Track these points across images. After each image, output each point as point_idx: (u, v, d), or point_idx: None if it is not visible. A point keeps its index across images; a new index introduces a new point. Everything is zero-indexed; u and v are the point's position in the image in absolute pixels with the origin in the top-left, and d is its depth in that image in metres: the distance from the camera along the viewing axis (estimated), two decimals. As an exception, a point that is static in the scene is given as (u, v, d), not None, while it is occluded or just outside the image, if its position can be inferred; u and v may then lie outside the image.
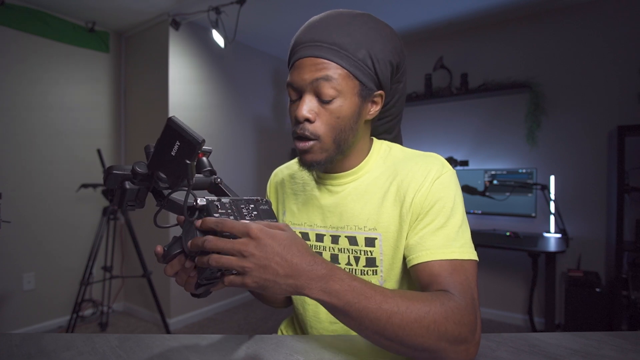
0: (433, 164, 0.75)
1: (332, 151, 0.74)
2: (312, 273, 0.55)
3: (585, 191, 2.89)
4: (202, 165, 0.63)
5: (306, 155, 0.74)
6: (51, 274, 2.96)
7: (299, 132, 0.72)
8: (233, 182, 3.54)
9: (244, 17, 3.00)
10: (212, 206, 0.56)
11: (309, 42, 0.71)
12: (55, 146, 3.00)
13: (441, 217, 0.71)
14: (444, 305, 0.58)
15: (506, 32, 3.20)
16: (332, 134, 0.72)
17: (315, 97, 0.71)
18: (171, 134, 0.52)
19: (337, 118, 0.71)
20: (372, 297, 0.56)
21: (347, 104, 0.71)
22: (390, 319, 0.55)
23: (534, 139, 3.04)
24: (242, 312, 3.42)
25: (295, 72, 0.72)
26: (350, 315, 0.56)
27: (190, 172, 0.51)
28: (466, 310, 0.60)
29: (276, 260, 0.53)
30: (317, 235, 0.83)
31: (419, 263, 0.69)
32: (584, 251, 2.87)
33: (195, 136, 0.50)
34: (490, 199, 2.99)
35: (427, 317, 0.56)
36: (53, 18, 2.97)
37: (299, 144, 0.73)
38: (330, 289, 0.55)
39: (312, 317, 0.84)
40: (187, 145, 0.51)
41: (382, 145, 0.85)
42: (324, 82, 0.69)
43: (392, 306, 0.56)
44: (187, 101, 3.19)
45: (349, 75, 0.70)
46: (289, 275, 0.54)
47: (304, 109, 0.70)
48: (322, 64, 0.69)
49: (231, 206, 0.58)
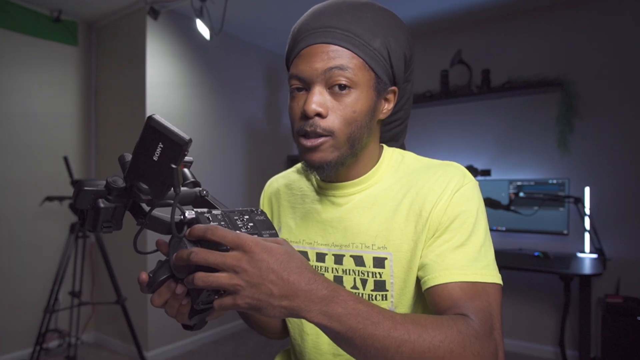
0: (453, 174, 0.75)
1: (344, 150, 0.74)
2: (312, 293, 0.54)
3: (625, 205, 2.87)
4: (185, 178, 0.63)
5: (314, 154, 0.73)
6: (10, 300, 2.94)
7: (309, 128, 0.71)
8: (220, 194, 3.51)
9: (233, 5, 2.98)
10: (203, 219, 0.56)
11: (320, 28, 0.71)
12: (15, 153, 2.98)
13: (461, 234, 0.71)
14: (461, 333, 0.58)
15: (534, 22, 3.19)
16: (347, 130, 0.72)
17: (326, 89, 0.71)
18: (152, 136, 0.51)
19: (353, 112, 0.72)
20: (379, 322, 0.55)
21: (363, 97, 0.72)
22: (399, 348, 0.55)
23: (566, 145, 3.03)
24: (231, 343, 3.41)
25: (302, 61, 0.72)
26: (354, 343, 0.55)
27: (176, 179, 0.51)
28: (487, 340, 0.60)
29: (270, 279, 0.52)
30: (318, 255, 0.84)
31: (435, 285, 0.68)
32: (624, 274, 2.85)
33: (180, 135, 0.50)
34: (516, 214, 2.96)
35: (441, 347, 0.56)
36: (13, 5, 2.95)
37: (306, 141, 0.73)
38: (332, 312, 0.54)
39: (312, 349, 0.84)
40: (172, 147, 0.50)
41: (393, 152, 0.86)
42: (338, 71, 0.69)
43: (402, 334, 0.55)
44: (168, 101, 3.18)
45: (365, 65, 0.71)
46: (285, 295, 0.53)
47: (314, 102, 0.70)
48: (336, 51, 0.70)
49: (224, 218, 0.58)
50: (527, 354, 3.13)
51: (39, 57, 3.09)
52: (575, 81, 3.00)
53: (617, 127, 2.90)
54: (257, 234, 0.59)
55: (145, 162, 0.52)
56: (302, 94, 0.74)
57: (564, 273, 2.49)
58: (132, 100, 3.14)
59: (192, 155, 0.60)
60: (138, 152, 0.53)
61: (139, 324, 3.02)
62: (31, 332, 2.95)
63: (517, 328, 3.19)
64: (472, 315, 0.62)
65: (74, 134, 3.33)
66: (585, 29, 3.01)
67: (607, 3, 2.93)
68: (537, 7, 3.17)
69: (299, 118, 0.73)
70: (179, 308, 0.60)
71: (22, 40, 3.00)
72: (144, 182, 0.53)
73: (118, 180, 0.54)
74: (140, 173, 0.53)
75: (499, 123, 3.32)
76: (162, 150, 0.51)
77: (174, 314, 0.61)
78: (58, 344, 3.09)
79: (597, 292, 2.92)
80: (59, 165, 3.04)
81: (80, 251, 3.00)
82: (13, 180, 2.96)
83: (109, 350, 3.26)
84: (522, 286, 3.18)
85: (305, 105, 0.71)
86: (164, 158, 0.51)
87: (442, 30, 3.58)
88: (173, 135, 0.50)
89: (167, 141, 0.50)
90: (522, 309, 3.19)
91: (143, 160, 0.52)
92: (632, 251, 2.83)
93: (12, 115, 2.96)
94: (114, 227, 0.57)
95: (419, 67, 3.65)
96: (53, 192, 3.05)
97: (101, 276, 3.32)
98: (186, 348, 3.26)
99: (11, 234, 2.95)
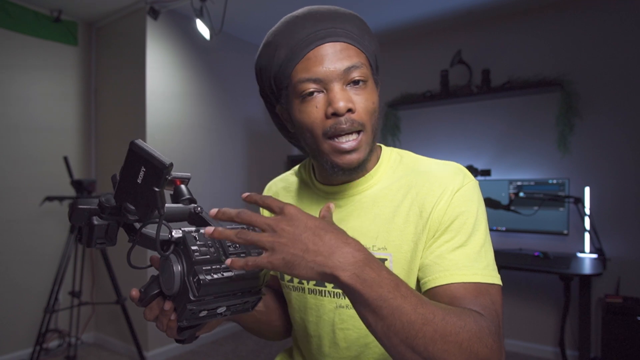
0: (453, 174, 0.76)
1: (370, 145, 0.75)
2: (348, 253, 0.54)
3: (626, 205, 2.86)
4: (180, 194, 0.65)
5: (353, 155, 0.73)
6: (10, 300, 2.94)
7: (345, 125, 0.71)
8: (220, 195, 3.53)
9: (233, 5, 2.98)
10: (190, 238, 0.57)
11: (321, 29, 0.72)
12: (16, 153, 2.98)
13: (462, 234, 0.71)
14: (478, 324, 0.58)
15: (534, 22, 3.19)
16: (371, 121, 0.74)
17: (344, 85, 0.72)
18: (135, 160, 0.53)
19: (373, 103, 0.74)
20: (408, 297, 0.55)
21: (373, 90, 0.76)
22: (424, 325, 0.54)
23: (566, 145, 3.02)
24: (230, 343, 3.40)
25: (312, 63, 0.72)
26: (381, 312, 0.54)
27: (159, 201, 0.52)
28: (497, 336, 0.60)
29: (306, 235, 0.54)
30: None
31: (437, 286, 0.68)
32: (624, 274, 2.84)
33: (161, 159, 0.51)
34: (516, 214, 2.96)
35: (461, 333, 0.56)
36: (13, 5, 2.95)
37: (346, 142, 0.72)
38: (366, 277, 0.53)
39: (315, 351, 0.83)
40: (154, 171, 0.52)
41: (391, 152, 0.86)
42: (355, 67, 0.72)
43: (427, 312, 0.55)
44: (167, 102, 3.18)
45: (367, 60, 0.75)
46: (319, 252, 0.54)
47: (342, 99, 0.70)
48: (346, 49, 0.72)
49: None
50: (527, 354, 3.13)
51: (38, 57, 3.09)
52: (576, 81, 3.00)
53: (617, 127, 2.89)
54: (245, 252, 0.60)
55: (130, 185, 0.54)
56: (318, 96, 0.72)
57: (564, 273, 2.49)
58: (132, 100, 3.13)
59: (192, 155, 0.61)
60: (124, 174, 0.55)
61: (139, 324, 3.00)
62: (31, 332, 2.95)
63: (517, 328, 3.18)
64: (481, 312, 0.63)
65: (73, 134, 3.33)
66: (585, 29, 3.00)
67: (607, 3, 2.92)
68: (537, 7, 3.16)
69: (322, 119, 0.72)
70: (167, 323, 0.62)
71: (22, 40, 3.00)
72: (130, 203, 0.55)
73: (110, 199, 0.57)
74: (127, 194, 0.55)
75: (499, 123, 3.32)
76: (145, 173, 0.52)
77: (163, 328, 0.63)
78: (58, 344, 3.09)
79: (597, 292, 2.91)
80: (59, 165, 3.03)
81: (80, 251, 3.00)
82: (13, 180, 2.96)
83: (109, 350, 3.25)
84: (522, 286, 3.18)
85: (334, 103, 0.70)
86: (147, 181, 0.52)
87: (442, 30, 3.57)
88: (154, 159, 0.51)
89: (149, 165, 0.52)
90: (522, 309, 3.18)
91: (129, 182, 0.54)
92: (632, 251, 2.83)
93: (11, 116, 2.95)
94: (108, 243, 0.60)
95: (419, 67, 3.66)
96: (53, 192, 3.05)
97: (101, 276, 3.31)
98: (186, 348, 3.25)
99: (11, 234, 2.94)
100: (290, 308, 0.89)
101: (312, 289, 0.83)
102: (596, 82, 2.96)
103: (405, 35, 3.70)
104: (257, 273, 0.59)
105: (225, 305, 0.59)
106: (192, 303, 0.55)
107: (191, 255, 0.55)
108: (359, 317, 0.58)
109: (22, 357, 2.93)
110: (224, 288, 0.57)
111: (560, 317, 2.99)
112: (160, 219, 0.54)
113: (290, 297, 0.88)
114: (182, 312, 0.57)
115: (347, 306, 0.78)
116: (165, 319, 0.61)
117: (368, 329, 0.57)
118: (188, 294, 0.55)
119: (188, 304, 0.55)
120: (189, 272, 0.56)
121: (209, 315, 0.58)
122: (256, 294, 0.62)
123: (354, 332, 0.78)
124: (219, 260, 0.57)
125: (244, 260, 0.53)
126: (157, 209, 0.53)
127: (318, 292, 0.82)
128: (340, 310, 0.79)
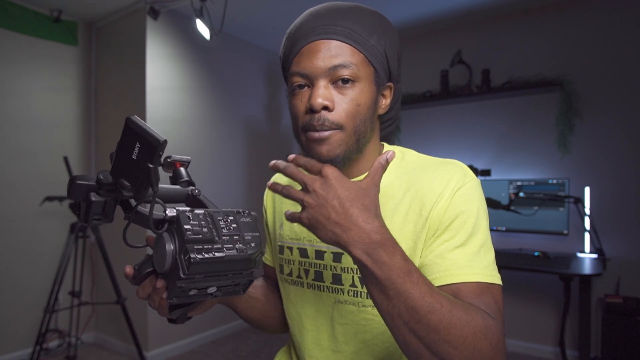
0: (454, 172, 0.75)
1: (351, 145, 0.74)
2: (364, 232, 0.56)
3: (626, 205, 2.86)
4: (179, 176, 0.65)
5: (322, 147, 0.73)
6: (10, 300, 2.93)
7: (316, 122, 0.71)
8: (220, 193, 3.53)
9: (233, 5, 2.98)
10: (184, 217, 0.57)
11: (320, 26, 0.73)
12: (16, 153, 2.98)
13: (462, 234, 0.70)
14: (484, 320, 0.58)
15: (534, 22, 3.19)
16: (353, 123, 0.73)
17: (330, 83, 0.72)
18: (130, 135, 0.53)
19: (358, 105, 0.72)
20: (418, 283, 0.56)
21: (366, 91, 0.74)
22: (429, 314, 0.55)
23: (566, 145, 3.03)
24: (231, 343, 3.40)
25: (304, 58, 0.73)
26: (387, 293, 0.56)
27: (153, 178, 0.53)
28: (501, 335, 0.60)
29: (333, 204, 0.56)
30: (317, 252, 0.83)
31: (437, 286, 0.68)
32: (624, 274, 2.84)
33: (155, 135, 0.52)
34: (516, 213, 2.96)
35: (466, 328, 0.56)
36: (13, 5, 2.94)
37: (314, 133, 0.72)
38: (377, 257, 0.56)
39: (312, 345, 0.83)
40: (148, 147, 0.52)
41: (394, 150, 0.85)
42: (342, 66, 0.71)
43: (435, 301, 0.56)
44: (167, 101, 3.17)
45: (365, 60, 0.73)
46: (339, 223, 0.56)
47: (321, 96, 0.71)
48: (340, 47, 0.71)
49: (205, 218, 0.59)
50: (527, 354, 3.13)
51: (38, 57, 3.09)
52: (576, 81, 3.00)
53: (617, 127, 2.89)
54: (239, 235, 0.60)
55: (126, 161, 0.54)
56: (305, 90, 0.74)
57: (564, 273, 2.49)
58: (132, 100, 3.13)
59: (193, 154, 0.61)
60: (119, 150, 0.55)
61: (139, 324, 3.01)
62: (31, 332, 2.95)
63: (517, 328, 3.18)
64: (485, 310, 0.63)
65: (73, 134, 3.33)
66: (585, 29, 3.00)
67: (607, 3, 2.92)
68: (537, 7, 3.16)
69: (303, 114, 0.74)
70: (159, 301, 0.64)
71: (22, 40, 2.99)
72: (125, 179, 0.55)
73: (108, 175, 0.57)
74: (122, 170, 0.55)
75: (499, 123, 3.32)
76: (140, 150, 0.53)
77: (155, 306, 0.65)
78: (58, 344, 3.09)
79: (597, 292, 2.91)
80: (59, 165, 3.03)
81: (80, 251, 2.99)
82: (13, 180, 2.96)
83: (109, 350, 3.25)
84: (522, 286, 3.18)
85: (312, 99, 0.71)
86: (142, 157, 0.53)
87: (442, 30, 3.57)
88: (148, 136, 0.52)
89: (144, 141, 0.52)
90: (522, 309, 3.18)
91: (124, 158, 0.55)
92: (632, 251, 2.83)
93: (11, 115, 2.95)
94: (105, 219, 0.60)
95: (419, 67, 3.66)
96: (53, 192, 3.04)
97: (101, 276, 3.31)
98: (186, 348, 3.25)
99: (11, 233, 2.94)
100: (287, 302, 0.89)
101: (311, 284, 0.83)
102: (596, 82, 2.96)
103: (405, 35, 3.69)
104: (249, 255, 0.59)
105: (215, 286, 0.59)
106: (181, 280, 0.55)
107: (184, 233, 0.55)
108: (368, 291, 0.59)
109: (22, 357, 2.93)
110: (214, 268, 0.57)
111: (560, 317, 2.99)
112: (154, 196, 0.55)
113: (288, 291, 0.88)
114: (172, 290, 0.58)
115: (346, 302, 0.79)
116: (157, 296, 0.63)
117: (375, 305, 0.59)
118: (178, 271, 0.56)
119: (177, 281, 0.56)
120: (180, 250, 0.56)
121: (199, 294, 0.59)
122: (248, 276, 0.62)
123: (352, 327, 0.78)
124: (212, 240, 0.57)
125: (292, 213, 0.60)
126: (151, 186, 0.53)
127: (317, 286, 0.82)
128: (339, 305, 0.79)
